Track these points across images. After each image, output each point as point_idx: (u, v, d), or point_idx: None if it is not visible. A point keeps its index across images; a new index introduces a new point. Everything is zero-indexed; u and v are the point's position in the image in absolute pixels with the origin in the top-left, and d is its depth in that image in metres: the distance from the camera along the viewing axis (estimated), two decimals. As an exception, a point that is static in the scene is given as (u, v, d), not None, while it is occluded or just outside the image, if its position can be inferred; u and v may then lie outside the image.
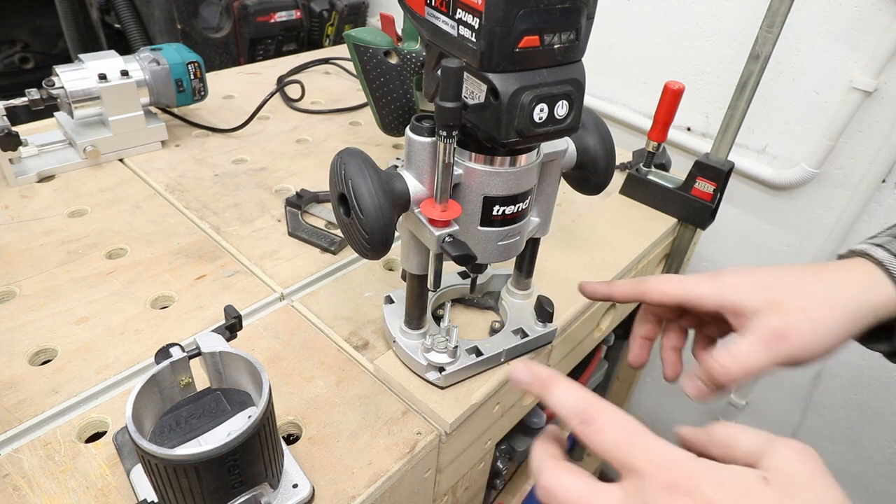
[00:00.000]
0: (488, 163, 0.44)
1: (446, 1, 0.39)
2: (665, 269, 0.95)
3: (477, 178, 0.44)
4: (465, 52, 0.39)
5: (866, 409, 1.10)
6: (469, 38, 0.38)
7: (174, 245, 0.71)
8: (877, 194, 0.94)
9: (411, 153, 0.44)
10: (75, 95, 0.78)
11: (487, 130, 0.40)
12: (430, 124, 0.43)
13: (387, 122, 0.75)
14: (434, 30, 0.41)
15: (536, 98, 0.39)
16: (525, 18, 0.36)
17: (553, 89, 0.39)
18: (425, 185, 0.44)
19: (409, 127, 0.44)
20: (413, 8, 0.43)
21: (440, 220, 0.43)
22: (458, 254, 0.42)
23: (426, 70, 0.45)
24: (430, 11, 0.41)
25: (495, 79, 0.38)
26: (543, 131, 0.41)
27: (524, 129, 0.40)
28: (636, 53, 1.13)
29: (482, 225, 0.47)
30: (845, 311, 0.42)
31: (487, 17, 0.36)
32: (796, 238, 1.06)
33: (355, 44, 0.69)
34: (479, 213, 0.46)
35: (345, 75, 1.24)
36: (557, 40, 0.39)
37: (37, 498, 0.45)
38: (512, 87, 0.38)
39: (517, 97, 0.38)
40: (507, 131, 0.39)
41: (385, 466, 0.49)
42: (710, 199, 0.82)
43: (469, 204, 0.46)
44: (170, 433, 0.42)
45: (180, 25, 1.30)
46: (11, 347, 0.56)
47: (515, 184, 0.45)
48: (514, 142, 0.40)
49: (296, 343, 0.60)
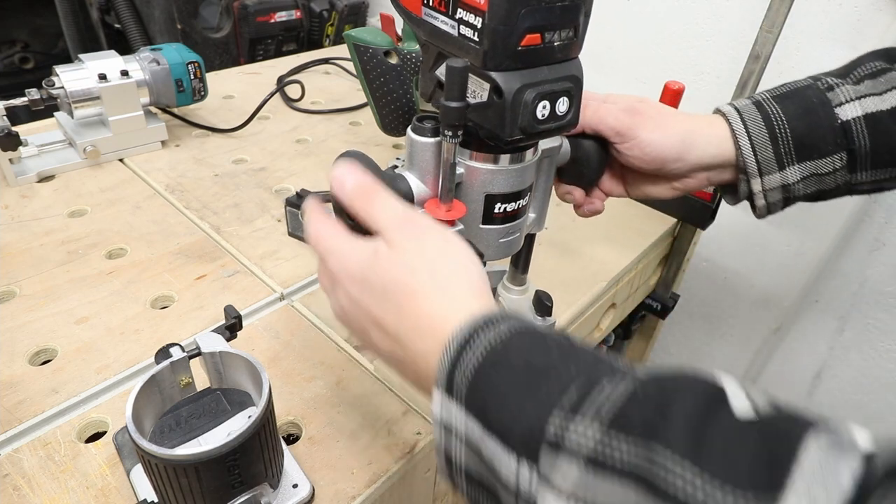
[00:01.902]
0: (489, 161, 0.44)
1: (446, 1, 0.39)
2: (665, 269, 0.95)
3: (478, 176, 0.45)
4: (467, 51, 0.39)
5: (866, 410, 1.10)
6: (471, 38, 0.38)
7: (174, 245, 0.71)
8: (877, 194, 0.94)
9: (413, 154, 0.44)
10: (75, 95, 0.78)
11: (490, 129, 0.40)
12: (432, 125, 0.43)
13: (387, 122, 0.75)
14: (432, 30, 0.41)
15: (539, 95, 0.39)
16: (527, 17, 0.36)
17: (554, 86, 0.40)
18: (428, 185, 0.44)
19: (410, 128, 0.44)
20: (408, 8, 0.43)
21: (445, 220, 0.43)
22: None
23: (423, 70, 0.45)
24: (427, 11, 0.41)
25: (498, 77, 0.38)
26: (546, 128, 0.41)
27: (528, 127, 0.40)
28: (636, 53, 1.13)
29: (484, 223, 0.47)
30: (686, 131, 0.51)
31: (491, 17, 0.36)
32: (796, 238, 1.05)
33: (355, 44, 0.69)
34: (481, 211, 0.46)
35: (345, 75, 1.24)
36: (557, 38, 0.39)
37: (37, 498, 0.45)
38: (515, 85, 0.38)
39: (520, 95, 0.38)
40: (510, 129, 0.40)
41: (385, 466, 0.49)
42: (709, 199, 0.82)
43: (471, 203, 0.46)
44: (170, 433, 0.42)
45: (180, 25, 1.30)
46: (11, 347, 0.56)
47: (517, 181, 0.46)
48: (518, 139, 0.41)
49: (296, 343, 0.60)
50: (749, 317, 1.18)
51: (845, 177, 0.50)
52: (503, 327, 0.31)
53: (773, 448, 0.23)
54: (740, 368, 1.24)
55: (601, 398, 0.27)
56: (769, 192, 0.52)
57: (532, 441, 0.27)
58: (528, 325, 0.32)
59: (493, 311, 0.33)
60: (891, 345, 1.02)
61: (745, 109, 0.51)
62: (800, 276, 1.06)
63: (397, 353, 0.36)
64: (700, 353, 1.30)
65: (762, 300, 1.15)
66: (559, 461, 0.26)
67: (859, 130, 0.48)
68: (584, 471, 0.25)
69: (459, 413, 0.31)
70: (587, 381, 0.28)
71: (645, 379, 0.27)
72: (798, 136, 0.49)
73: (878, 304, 1.01)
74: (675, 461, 0.23)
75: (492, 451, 0.29)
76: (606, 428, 0.26)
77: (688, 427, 0.24)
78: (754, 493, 0.22)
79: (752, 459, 0.23)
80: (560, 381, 0.28)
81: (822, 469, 0.21)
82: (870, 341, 1.04)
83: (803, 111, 0.49)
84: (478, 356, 0.30)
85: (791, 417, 0.24)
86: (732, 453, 0.23)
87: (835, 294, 1.05)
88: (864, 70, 0.49)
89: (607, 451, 0.25)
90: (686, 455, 0.23)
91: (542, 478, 0.26)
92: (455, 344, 0.32)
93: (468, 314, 0.33)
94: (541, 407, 0.27)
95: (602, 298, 0.74)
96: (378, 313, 0.36)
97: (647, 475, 0.24)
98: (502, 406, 0.29)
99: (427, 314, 0.34)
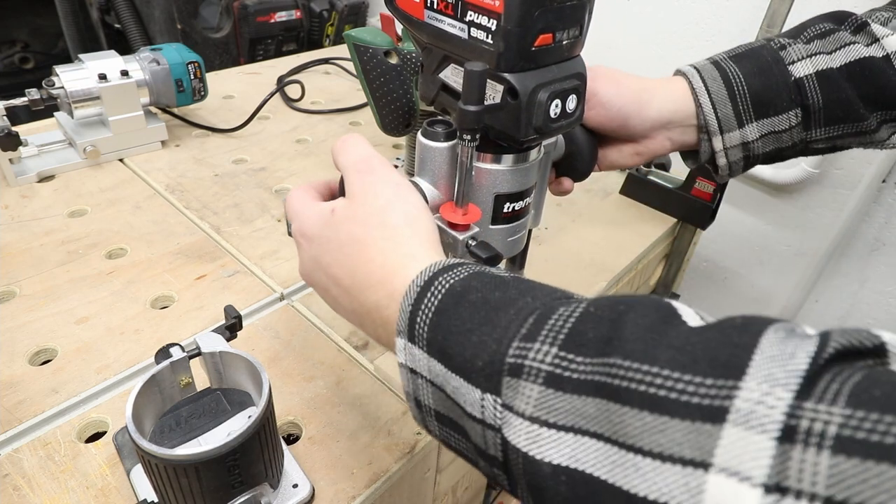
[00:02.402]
0: (497, 161, 0.44)
1: (452, 4, 0.39)
2: (665, 269, 0.95)
3: (488, 177, 0.45)
4: (479, 53, 0.39)
5: (866, 409, 1.10)
6: (484, 40, 0.38)
7: (174, 245, 0.71)
8: (877, 194, 0.94)
9: (426, 159, 0.43)
10: (75, 95, 0.78)
11: (503, 130, 0.41)
12: (443, 129, 0.42)
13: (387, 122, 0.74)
14: (437, 33, 0.41)
15: (552, 95, 0.39)
16: (541, 18, 0.37)
17: (564, 84, 0.40)
18: (441, 189, 0.44)
19: (420, 133, 0.43)
20: (409, 12, 0.43)
21: (462, 224, 0.43)
22: (489, 255, 0.42)
23: (425, 74, 0.45)
24: (431, 15, 0.41)
25: (513, 79, 0.38)
26: (558, 126, 0.41)
27: (542, 126, 0.40)
28: (636, 53, 1.13)
29: (493, 223, 0.47)
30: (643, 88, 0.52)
31: (507, 19, 0.36)
32: (796, 238, 1.06)
33: (355, 44, 0.69)
34: (490, 212, 0.46)
35: (345, 75, 1.24)
36: (566, 37, 0.39)
37: (37, 498, 0.45)
38: (530, 85, 0.38)
39: (535, 95, 0.39)
40: (525, 129, 0.40)
41: (385, 466, 0.49)
42: (709, 199, 0.82)
43: (480, 204, 0.46)
44: (170, 433, 0.42)
45: (180, 25, 1.30)
46: (11, 347, 0.56)
47: (524, 179, 0.46)
48: (533, 139, 0.41)
49: (296, 343, 0.60)
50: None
51: (801, 134, 0.52)
52: (461, 270, 0.32)
53: (735, 338, 0.23)
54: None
55: (558, 323, 0.27)
56: (730, 150, 0.53)
57: (493, 373, 0.28)
58: (486, 268, 0.33)
59: (448, 258, 0.34)
60: (891, 345, 1.02)
61: (704, 68, 0.52)
62: (800, 276, 1.06)
63: (356, 307, 0.37)
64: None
65: (762, 300, 1.15)
66: (520, 387, 0.27)
67: (812, 87, 0.49)
68: (544, 391, 0.26)
69: (422, 356, 0.31)
70: (544, 311, 0.28)
71: (598, 299, 0.28)
72: (755, 92, 0.50)
73: (878, 304, 1.01)
74: (631, 365, 0.24)
75: (456, 389, 0.30)
76: (561, 348, 0.26)
77: (643, 335, 0.25)
78: (713, 378, 0.22)
79: (712, 350, 0.23)
80: (518, 314, 0.29)
81: (781, 353, 0.22)
82: (870, 341, 1.04)
83: (758, 69, 0.50)
84: (437, 298, 0.31)
85: (748, 318, 0.25)
86: (690, 348, 0.24)
87: (835, 294, 1.05)
88: (814, 31, 0.51)
89: (564, 368, 0.26)
90: (644, 358, 0.24)
91: (506, 406, 0.27)
92: (415, 289, 0.32)
93: (422, 262, 0.34)
94: (500, 339, 0.28)
95: (602, 298, 0.74)
96: (335, 270, 0.37)
97: (605, 382, 0.24)
98: (463, 343, 0.29)
99: (379, 265, 0.35)
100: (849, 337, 0.22)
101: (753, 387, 0.21)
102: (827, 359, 0.21)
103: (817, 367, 0.21)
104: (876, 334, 0.22)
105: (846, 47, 0.49)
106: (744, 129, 0.51)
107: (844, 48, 0.49)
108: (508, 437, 0.27)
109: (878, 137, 0.52)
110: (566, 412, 0.25)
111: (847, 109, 0.50)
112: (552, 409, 0.26)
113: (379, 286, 0.35)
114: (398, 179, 0.38)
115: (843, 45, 0.49)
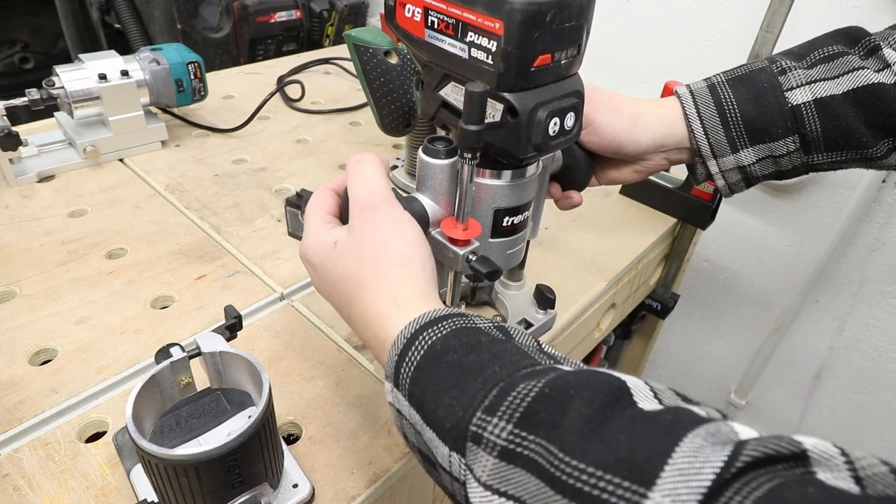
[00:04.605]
0: (496, 177, 0.45)
1: (453, 24, 0.39)
2: (665, 269, 0.95)
3: (488, 192, 0.46)
4: (480, 73, 0.39)
5: (866, 410, 1.10)
6: (484, 61, 0.39)
7: (174, 245, 0.71)
8: (877, 194, 0.94)
9: (426, 176, 0.44)
10: (75, 95, 0.78)
11: (504, 147, 0.41)
12: (444, 146, 0.43)
13: (387, 122, 0.74)
14: (438, 52, 0.41)
15: (551, 113, 0.40)
16: (540, 39, 0.37)
17: (563, 103, 0.41)
18: (441, 205, 0.45)
19: (421, 150, 0.44)
20: (410, 31, 0.43)
21: (462, 240, 0.44)
22: (489, 270, 0.43)
23: (425, 91, 0.45)
24: (431, 34, 0.41)
25: (512, 98, 0.39)
26: (556, 143, 0.42)
27: (541, 144, 0.41)
28: (636, 53, 1.13)
29: (493, 237, 0.48)
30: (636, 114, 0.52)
31: (507, 41, 0.37)
32: (796, 238, 1.05)
33: (355, 44, 0.69)
34: (490, 226, 0.47)
35: (345, 75, 1.24)
36: (564, 56, 0.40)
37: (37, 498, 0.45)
38: (529, 104, 0.39)
39: (534, 114, 0.40)
40: (525, 147, 0.41)
41: (385, 466, 0.49)
42: (709, 199, 0.82)
43: (480, 218, 0.47)
44: (170, 433, 0.42)
45: (180, 25, 1.30)
46: (11, 347, 0.56)
47: (524, 194, 0.47)
48: (532, 156, 0.42)
49: (296, 343, 0.60)
50: (749, 317, 1.18)
51: (801, 158, 0.51)
52: (444, 325, 0.35)
53: (655, 441, 0.25)
54: (740, 368, 1.24)
55: (516, 400, 0.30)
56: (726, 172, 0.53)
57: (459, 437, 0.31)
58: (468, 322, 0.35)
59: (434, 310, 0.36)
60: (891, 345, 1.02)
61: (698, 93, 0.52)
62: (800, 276, 1.06)
63: (357, 331, 0.41)
64: (700, 353, 1.30)
65: (762, 300, 1.15)
66: (479, 455, 0.30)
67: (809, 115, 0.49)
68: (498, 463, 0.29)
69: (405, 403, 0.35)
70: (507, 384, 0.31)
71: (555, 378, 0.30)
72: (748, 119, 0.50)
73: (878, 304, 1.01)
74: (564, 458, 0.26)
75: (430, 440, 0.33)
76: (516, 425, 0.29)
77: (581, 427, 0.27)
78: (629, 481, 0.24)
79: (634, 450, 0.25)
80: (485, 384, 0.31)
81: (690, 466, 0.23)
82: (870, 341, 1.04)
83: (754, 95, 0.50)
84: (420, 354, 0.34)
85: (679, 414, 0.26)
86: (616, 446, 0.25)
87: (835, 294, 1.05)
88: (820, 54, 0.50)
89: (517, 444, 0.28)
90: (574, 452, 0.26)
91: (468, 467, 0.30)
92: (402, 340, 0.35)
93: (406, 311, 0.36)
94: (466, 406, 0.31)
95: (602, 298, 0.74)
96: (335, 300, 0.42)
97: (545, 467, 0.27)
98: (437, 402, 0.32)
99: (367, 305, 0.39)
100: (766, 445, 0.23)
101: (659, 499, 0.23)
102: (735, 472, 0.22)
103: (722, 482, 0.22)
104: (797, 440, 0.23)
105: (854, 72, 0.48)
106: (738, 154, 0.51)
107: (851, 73, 0.48)
108: (469, 496, 0.30)
109: (888, 163, 0.51)
110: (515, 483, 0.28)
111: (849, 137, 0.49)
112: (504, 479, 0.29)
113: (368, 326, 0.39)
114: (398, 216, 0.40)
115: (850, 70, 0.48)
